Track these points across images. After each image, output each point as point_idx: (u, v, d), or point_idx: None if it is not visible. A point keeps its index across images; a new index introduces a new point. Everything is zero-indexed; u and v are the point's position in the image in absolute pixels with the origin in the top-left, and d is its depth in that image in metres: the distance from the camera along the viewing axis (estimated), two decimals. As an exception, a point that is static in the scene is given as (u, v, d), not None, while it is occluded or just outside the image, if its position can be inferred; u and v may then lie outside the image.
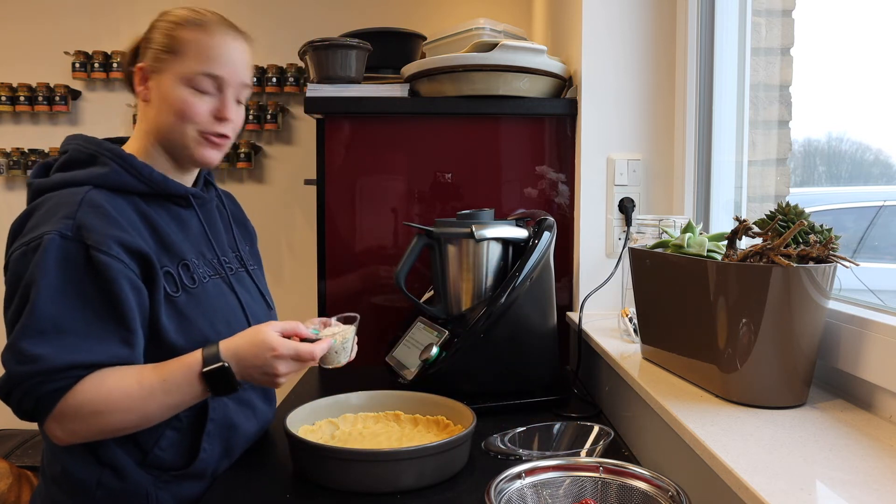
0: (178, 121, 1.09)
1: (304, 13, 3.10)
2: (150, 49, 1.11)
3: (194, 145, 1.11)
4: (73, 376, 0.95)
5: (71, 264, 0.97)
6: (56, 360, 0.93)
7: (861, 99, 1.23)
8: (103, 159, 1.07)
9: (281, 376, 1.01)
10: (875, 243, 1.18)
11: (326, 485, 1.01)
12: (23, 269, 0.97)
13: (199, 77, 1.09)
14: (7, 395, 0.95)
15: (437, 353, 1.32)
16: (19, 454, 2.74)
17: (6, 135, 3.15)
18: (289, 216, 3.14)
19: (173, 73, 1.09)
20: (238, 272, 1.22)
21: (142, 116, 1.14)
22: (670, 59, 1.67)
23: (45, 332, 0.94)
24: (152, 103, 1.11)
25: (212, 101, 1.11)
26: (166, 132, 1.11)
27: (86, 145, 1.09)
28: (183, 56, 1.09)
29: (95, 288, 0.97)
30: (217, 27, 1.13)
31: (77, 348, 0.95)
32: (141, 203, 1.08)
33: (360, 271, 1.76)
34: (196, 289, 1.09)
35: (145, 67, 1.11)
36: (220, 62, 1.11)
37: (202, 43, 1.10)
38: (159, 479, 1.05)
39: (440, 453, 1.01)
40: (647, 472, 0.84)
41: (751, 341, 0.94)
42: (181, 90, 1.09)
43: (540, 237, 1.36)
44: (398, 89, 1.74)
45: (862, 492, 0.69)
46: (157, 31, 1.12)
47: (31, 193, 1.08)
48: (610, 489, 0.85)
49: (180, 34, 1.10)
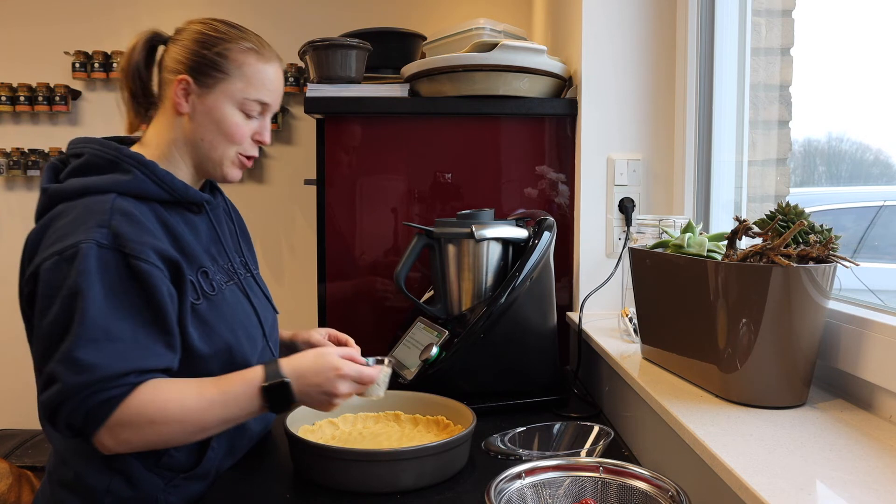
0: (223, 141, 1.11)
1: (304, 13, 3.10)
2: (196, 62, 1.09)
3: (229, 164, 1.13)
4: (127, 384, 0.93)
5: (112, 273, 0.96)
6: (111, 368, 0.92)
7: (861, 99, 1.23)
8: (125, 166, 1.05)
9: (340, 397, 1.02)
10: (875, 243, 1.18)
11: (326, 485, 1.01)
12: (59, 279, 0.95)
13: (252, 103, 1.11)
14: (55, 410, 0.92)
15: (437, 353, 1.32)
16: (19, 454, 2.74)
17: (6, 135, 3.15)
18: (289, 216, 3.14)
19: (225, 94, 1.09)
20: (247, 278, 1.22)
21: (166, 126, 1.12)
22: (670, 59, 1.66)
23: (97, 341, 0.92)
24: (193, 118, 1.10)
25: (253, 125, 1.13)
26: (206, 148, 1.11)
27: (104, 150, 1.07)
28: (236, 79, 1.09)
29: (138, 295, 0.97)
30: (271, 54, 1.14)
31: (129, 355, 0.94)
32: (161, 210, 1.07)
33: (361, 271, 1.76)
34: (216, 296, 1.09)
35: (190, 82, 1.09)
36: (271, 89, 1.13)
37: (259, 70, 1.11)
38: (169, 482, 1.05)
39: (440, 453, 1.01)
40: (647, 472, 0.84)
41: (751, 341, 0.94)
42: (232, 112, 1.10)
43: (540, 237, 1.36)
44: (398, 89, 1.74)
45: (862, 492, 0.69)
46: (203, 44, 1.10)
47: (45, 199, 1.05)
48: (610, 489, 0.85)
49: (235, 55, 1.10)
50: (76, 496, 1.04)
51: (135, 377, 0.94)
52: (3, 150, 3.09)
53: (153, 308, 0.98)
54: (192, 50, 1.10)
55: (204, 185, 1.22)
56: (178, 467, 1.05)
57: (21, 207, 3.14)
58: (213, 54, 1.09)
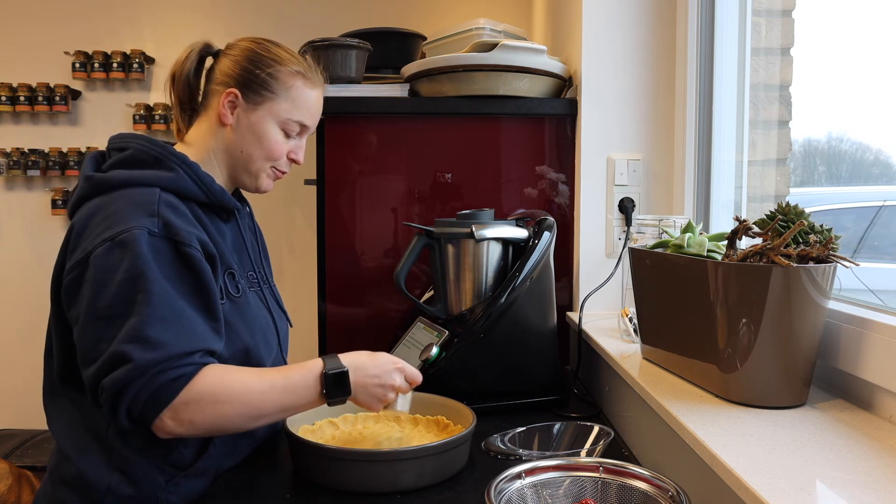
0: (262, 156, 1.16)
1: (304, 13, 3.10)
2: (247, 79, 1.14)
3: (264, 177, 1.19)
4: (195, 363, 0.95)
5: (165, 259, 0.98)
6: (181, 346, 0.94)
7: (861, 99, 1.23)
8: (170, 163, 1.08)
9: (394, 390, 1.06)
10: (875, 243, 1.18)
11: (327, 485, 1.01)
12: (114, 263, 0.96)
13: (293, 123, 1.17)
14: (122, 390, 0.92)
15: (437, 353, 1.32)
16: (19, 454, 2.74)
17: (6, 135, 3.15)
18: (289, 216, 3.14)
19: (270, 113, 1.15)
20: (264, 287, 1.24)
21: (208, 134, 1.17)
22: (670, 59, 1.67)
23: (166, 320, 0.94)
24: (236, 130, 1.15)
25: (291, 144, 1.19)
26: (244, 160, 1.17)
27: (150, 146, 1.10)
28: (283, 100, 1.15)
29: (192, 281, 1.00)
30: (317, 79, 1.20)
31: (195, 334, 0.97)
32: (198, 210, 1.11)
33: (361, 271, 1.76)
34: (240, 298, 1.12)
35: (238, 96, 1.14)
36: (312, 114, 1.20)
37: (304, 94, 1.17)
38: (170, 481, 1.04)
39: (440, 453, 1.01)
40: (647, 472, 0.84)
41: (751, 341, 0.94)
42: (274, 131, 1.16)
43: (540, 237, 1.36)
44: (398, 89, 1.74)
45: (862, 492, 0.69)
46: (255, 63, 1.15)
47: (88, 186, 1.07)
48: (610, 489, 0.85)
49: (285, 78, 1.15)
50: (76, 494, 1.04)
51: (200, 356, 0.97)
52: (3, 150, 3.09)
53: (203, 293, 1.01)
54: (243, 66, 1.15)
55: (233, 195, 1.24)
56: (182, 464, 1.05)
57: (21, 207, 3.14)
58: (264, 74, 1.14)
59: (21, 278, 3.17)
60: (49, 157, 3.08)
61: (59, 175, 3.09)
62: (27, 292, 3.17)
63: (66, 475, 1.06)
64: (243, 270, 1.18)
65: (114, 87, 3.15)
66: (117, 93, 3.15)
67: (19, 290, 3.18)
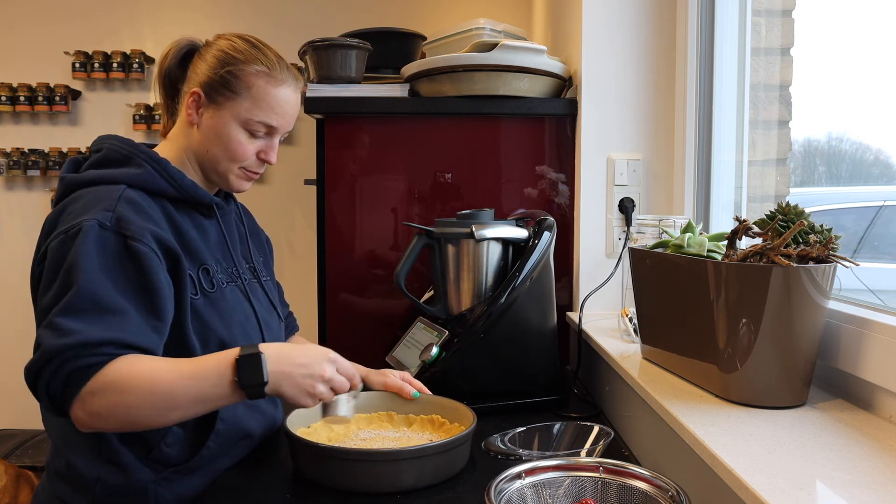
0: (226, 157, 1.15)
1: (304, 13, 3.10)
2: (210, 79, 1.13)
3: (234, 178, 1.18)
4: (106, 353, 0.93)
5: (110, 252, 0.98)
6: (92, 335, 0.92)
7: (861, 99, 1.23)
8: (138, 160, 1.09)
9: (324, 382, 0.99)
10: (875, 243, 1.18)
11: (327, 485, 1.01)
12: (62, 256, 0.98)
13: (256, 124, 1.14)
14: (37, 374, 0.93)
15: (437, 353, 1.32)
16: (19, 454, 2.74)
17: (6, 135, 3.15)
18: (289, 216, 3.14)
19: (231, 113, 1.13)
20: (251, 283, 1.23)
21: (181, 133, 1.17)
22: (670, 59, 1.66)
23: (84, 311, 0.94)
24: (201, 130, 1.15)
25: (259, 144, 1.16)
26: (211, 161, 1.16)
27: (121, 146, 1.12)
28: (244, 99, 1.13)
29: (133, 276, 0.99)
30: (283, 77, 1.16)
31: (113, 327, 0.95)
32: (169, 206, 1.11)
33: (360, 271, 1.76)
34: (214, 293, 1.11)
35: (201, 96, 1.13)
36: (279, 113, 1.15)
37: (267, 93, 1.13)
38: (160, 475, 1.06)
39: (441, 453, 1.01)
40: (647, 472, 0.84)
41: (751, 341, 0.94)
42: (236, 131, 1.14)
43: (540, 237, 1.36)
44: (398, 89, 1.74)
45: (862, 492, 0.69)
46: (220, 62, 1.13)
47: (62, 188, 1.09)
48: (610, 489, 0.85)
49: (248, 79, 1.13)
50: (68, 485, 1.07)
51: (114, 348, 0.94)
52: (3, 150, 3.09)
53: (147, 290, 0.99)
54: (209, 65, 1.14)
55: (217, 194, 1.24)
56: (170, 462, 1.06)
57: (21, 207, 3.14)
58: (225, 73, 1.12)
59: (21, 278, 3.16)
60: (49, 157, 3.08)
61: (59, 175, 3.09)
62: (27, 292, 3.16)
63: (60, 468, 1.08)
64: (223, 266, 1.17)
65: (114, 87, 3.15)
66: (117, 93, 3.15)
67: (19, 290, 3.18)
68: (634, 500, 0.83)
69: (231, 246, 1.21)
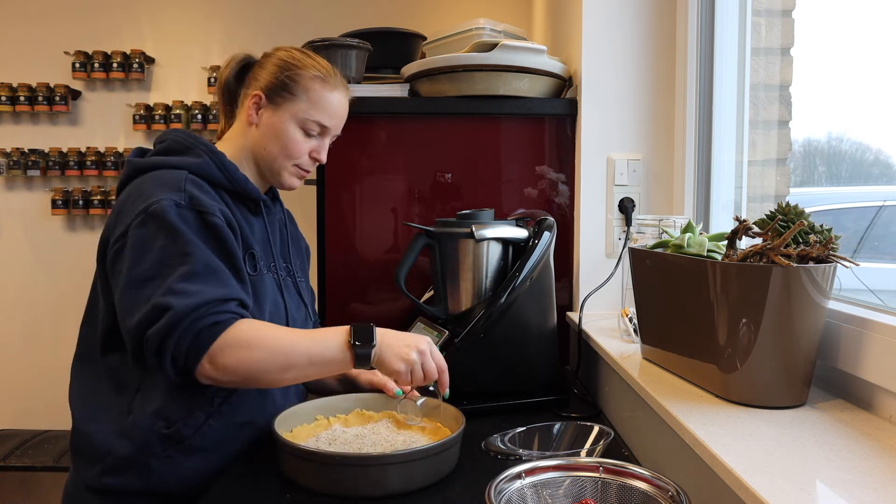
0: (282, 154, 1.24)
1: (305, 13, 3.10)
2: (271, 83, 1.23)
3: (287, 175, 1.27)
4: (231, 311, 1.04)
5: (192, 226, 1.08)
6: (216, 294, 1.03)
7: (861, 99, 1.23)
8: (198, 151, 1.19)
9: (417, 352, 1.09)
10: (875, 243, 1.18)
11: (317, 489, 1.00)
12: (149, 232, 1.06)
13: (312, 123, 1.24)
14: (164, 338, 1.00)
15: (437, 353, 1.32)
16: (19, 454, 2.74)
17: (6, 135, 3.15)
18: (289, 216, 3.14)
19: (289, 113, 1.23)
20: (286, 279, 1.30)
21: (240, 133, 1.26)
22: (670, 59, 1.66)
23: (199, 274, 1.04)
24: (260, 129, 1.24)
25: (312, 143, 1.26)
26: (267, 159, 1.25)
27: (185, 137, 1.22)
28: (301, 101, 1.23)
29: (217, 246, 1.10)
30: (337, 83, 1.27)
31: (226, 285, 1.06)
32: (226, 197, 1.19)
33: (360, 271, 1.76)
34: (256, 276, 1.19)
35: (262, 98, 1.23)
36: (331, 115, 1.26)
37: (322, 97, 1.24)
38: (166, 451, 1.11)
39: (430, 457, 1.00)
40: (647, 472, 0.84)
41: (751, 341, 0.94)
42: (294, 130, 1.23)
43: (540, 237, 1.36)
44: (398, 89, 1.74)
45: (862, 492, 0.69)
46: (280, 68, 1.24)
47: (129, 170, 1.18)
48: (610, 489, 0.85)
49: (305, 82, 1.23)
50: (82, 456, 1.15)
51: (236, 305, 1.05)
52: (3, 150, 3.09)
53: (230, 257, 1.10)
54: (269, 71, 1.25)
55: (268, 191, 1.33)
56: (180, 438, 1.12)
57: (21, 207, 3.14)
58: (285, 77, 1.23)
59: (21, 278, 3.17)
60: (49, 157, 3.07)
61: (58, 175, 3.09)
62: (27, 292, 3.17)
63: (79, 444, 1.16)
64: (264, 258, 1.24)
65: (114, 87, 3.15)
66: (117, 93, 3.15)
67: (19, 290, 3.18)
68: (634, 500, 0.83)
69: (273, 244, 1.28)
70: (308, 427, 1.17)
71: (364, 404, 1.23)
